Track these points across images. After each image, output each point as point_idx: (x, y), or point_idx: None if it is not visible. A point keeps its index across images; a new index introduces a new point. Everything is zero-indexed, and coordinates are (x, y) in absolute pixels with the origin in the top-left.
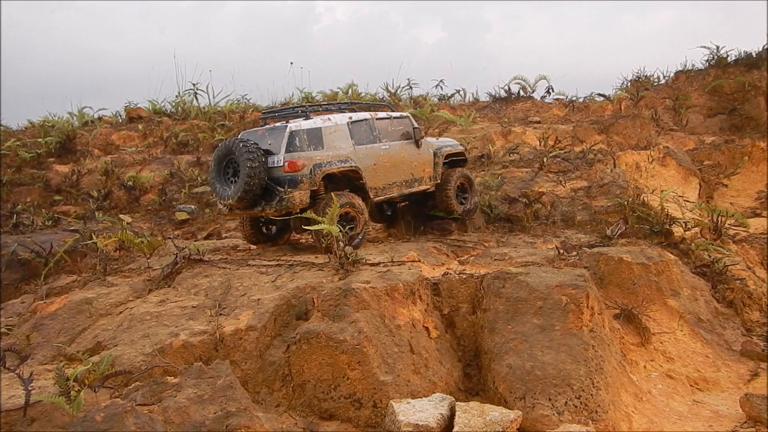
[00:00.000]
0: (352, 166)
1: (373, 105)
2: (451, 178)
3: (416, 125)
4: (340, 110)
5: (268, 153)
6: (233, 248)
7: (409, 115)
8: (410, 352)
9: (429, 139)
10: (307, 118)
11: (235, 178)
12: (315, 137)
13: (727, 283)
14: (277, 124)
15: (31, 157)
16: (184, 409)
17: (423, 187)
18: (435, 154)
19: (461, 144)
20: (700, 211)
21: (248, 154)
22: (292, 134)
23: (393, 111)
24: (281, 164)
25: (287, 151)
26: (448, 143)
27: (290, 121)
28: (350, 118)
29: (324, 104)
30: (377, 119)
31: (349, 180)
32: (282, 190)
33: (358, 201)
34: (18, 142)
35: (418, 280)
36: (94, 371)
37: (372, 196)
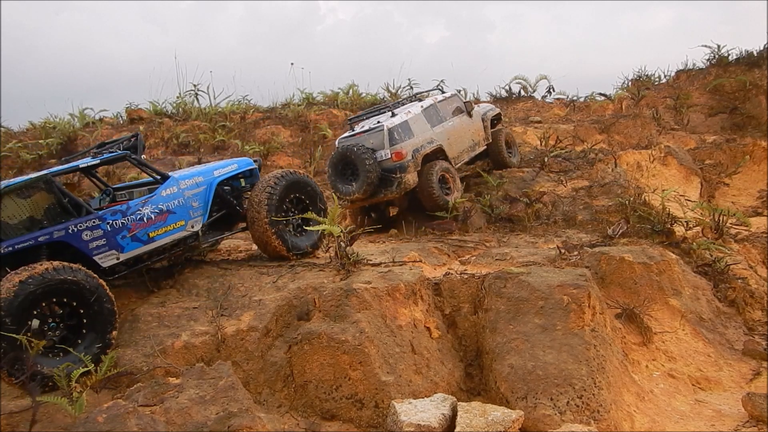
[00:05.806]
0: (438, 145)
1: (429, 91)
2: (501, 136)
3: (465, 99)
4: (410, 102)
5: (372, 150)
6: (234, 249)
7: (456, 92)
8: (412, 353)
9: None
10: (393, 114)
11: (354, 177)
12: (405, 129)
13: (729, 283)
14: (371, 126)
15: (32, 158)
16: (185, 409)
17: (481, 148)
18: (483, 119)
19: (495, 107)
20: (701, 210)
21: (364, 155)
22: (390, 131)
23: (444, 92)
24: (389, 156)
25: (391, 145)
26: (488, 108)
27: (383, 120)
28: (422, 106)
29: (397, 102)
30: (438, 102)
31: (434, 154)
32: (397, 176)
33: (450, 167)
34: (19, 144)
35: (420, 280)
36: (96, 372)
37: (453, 164)
